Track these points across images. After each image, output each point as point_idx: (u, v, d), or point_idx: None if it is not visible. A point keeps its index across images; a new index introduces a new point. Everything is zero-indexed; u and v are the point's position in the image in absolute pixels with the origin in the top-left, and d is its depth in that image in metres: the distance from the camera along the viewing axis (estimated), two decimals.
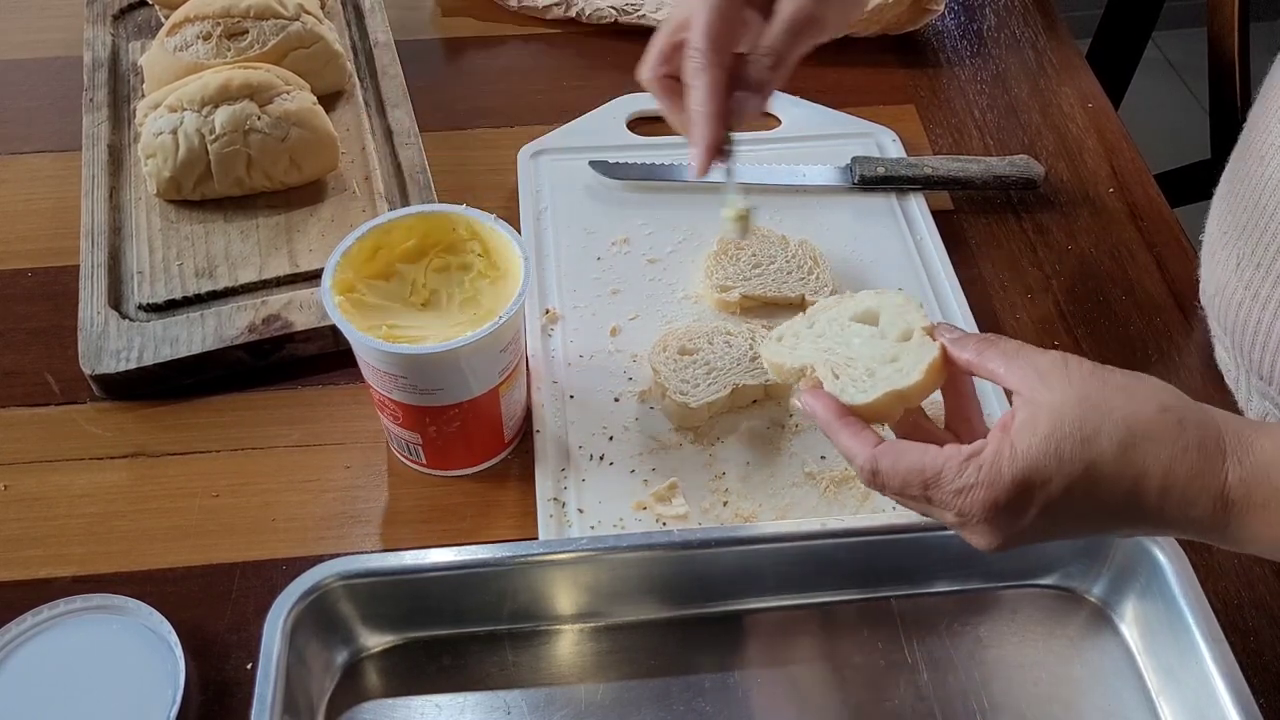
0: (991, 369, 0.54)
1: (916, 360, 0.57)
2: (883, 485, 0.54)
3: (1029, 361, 0.53)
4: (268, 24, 0.93)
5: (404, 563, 0.63)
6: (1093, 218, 0.93)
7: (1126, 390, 0.51)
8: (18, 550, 0.70)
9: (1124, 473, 0.50)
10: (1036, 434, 0.50)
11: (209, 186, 0.86)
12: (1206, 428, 0.51)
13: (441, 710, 0.63)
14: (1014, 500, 0.51)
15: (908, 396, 0.56)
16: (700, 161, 0.63)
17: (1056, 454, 0.50)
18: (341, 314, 0.65)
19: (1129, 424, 0.50)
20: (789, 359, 0.62)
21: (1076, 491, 0.50)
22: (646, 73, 0.66)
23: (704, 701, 0.64)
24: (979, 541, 0.53)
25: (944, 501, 0.52)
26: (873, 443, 0.55)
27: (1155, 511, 0.51)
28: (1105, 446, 0.50)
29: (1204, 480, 0.50)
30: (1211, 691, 0.60)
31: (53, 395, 0.78)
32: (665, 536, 0.65)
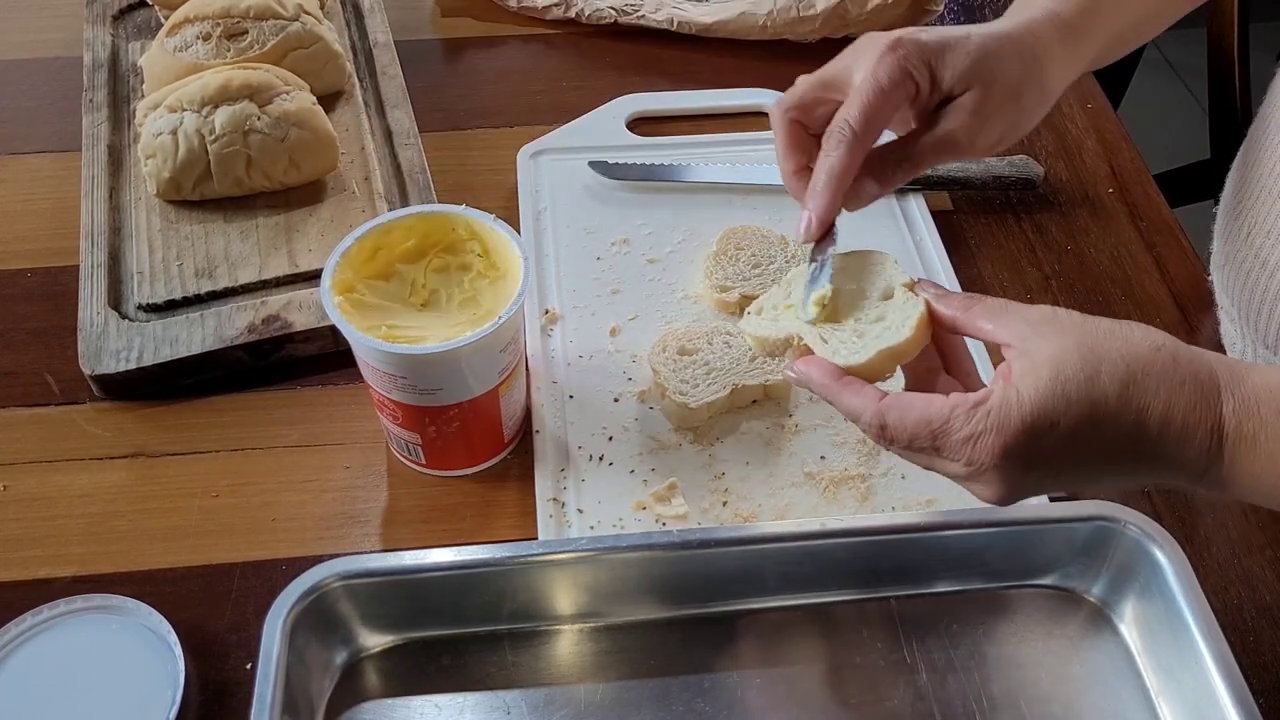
0: (979, 325, 0.55)
1: (904, 316, 0.56)
2: (891, 439, 0.54)
3: (1018, 315, 0.54)
4: (267, 24, 0.93)
5: (403, 563, 0.63)
6: (1092, 218, 0.93)
7: (1118, 333, 0.52)
8: (17, 550, 0.70)
9: (1126, 409, 0.51)
10: (1041, 379, 0.51)
11: (208, 187, 0.86)
12: (1199, 362, 0.52)
13: (441, 710, 0.64)
14: (1024, 445, 0.51)
15: (900, 353, 0.56)
16: (813, 231, 0.61)
17: (1064, 395, 0.50)
18: (341, 314, 0.65)
19: (1127, 362, 0.51)
20: (772, 330, 0.61)
21: (1083, 433, 0.51)
22: (780, 111, 0.64)
23: (703, 701, 0.64)
24: (986, 492, 0.53)
25: (953, 450, 0.52)
26: (876, 398, 0.54)
27: (1154, 449, 0.51)
28: (1107, 385, 0.51)
29: (1200, 413, 0.51)
30: (1211, 691, 0.60)
31: (52, 395, 0.78)
32: (665, 537, 0.65)
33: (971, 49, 0.61)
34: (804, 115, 0.64)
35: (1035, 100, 0.65)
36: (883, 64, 0.60)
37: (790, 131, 0.64)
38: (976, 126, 0.62)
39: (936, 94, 0.62)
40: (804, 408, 0.77)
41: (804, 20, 1.04)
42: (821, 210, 0.61)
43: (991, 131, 0.63)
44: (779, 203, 0.91)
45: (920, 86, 0.61)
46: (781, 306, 0.62)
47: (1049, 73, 0.65)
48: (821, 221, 0.61)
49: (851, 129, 0.59)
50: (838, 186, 0.60)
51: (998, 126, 0.63)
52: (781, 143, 0.64)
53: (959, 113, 0.62)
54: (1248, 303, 0.75)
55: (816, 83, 0.63)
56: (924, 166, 0.63)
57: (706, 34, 1.07)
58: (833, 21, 1.04)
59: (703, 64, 1.06)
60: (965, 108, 0.62)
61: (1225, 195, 0.81)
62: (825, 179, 0.60)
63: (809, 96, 0.63)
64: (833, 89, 0.63)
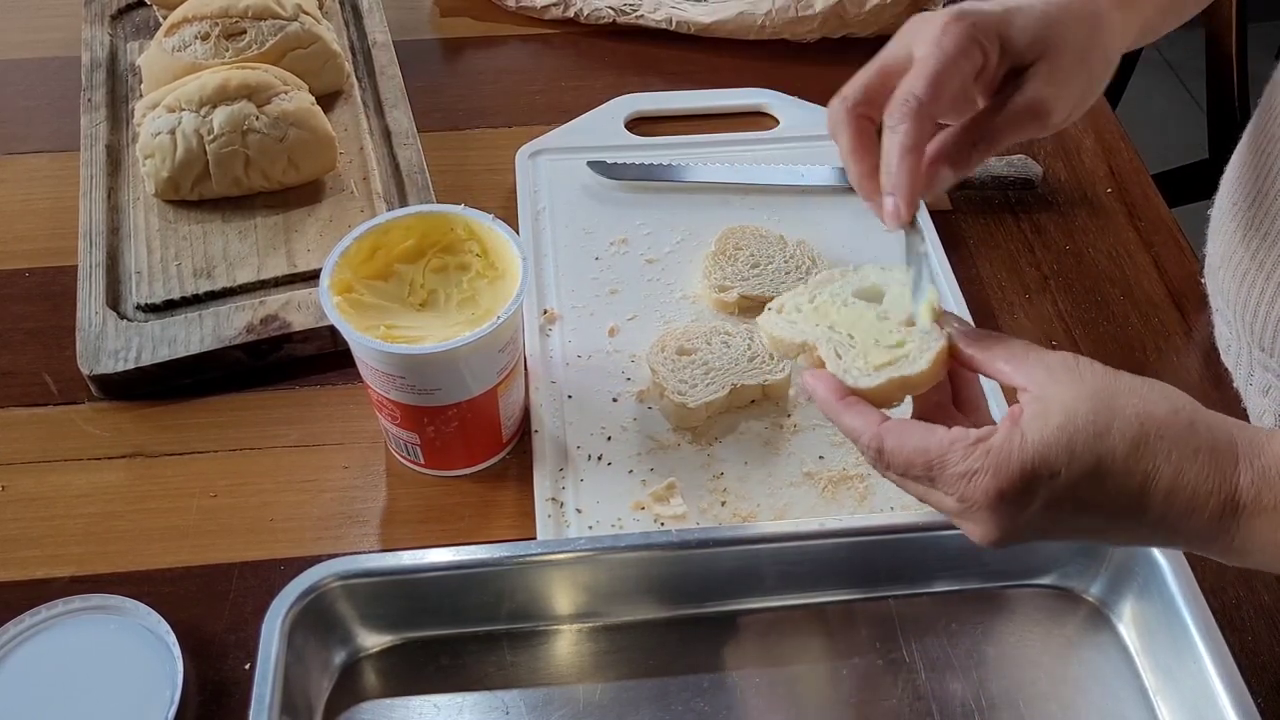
0: (998, 368, 0.53)
1: (923, 348, 0.55)
2: (887, 464, 0.53)
3: (1038, 360, 0.52)
4: (266, 24, 0.93)
5: (402, 563, 0.63)
6: (1090, 218, 0.93)
7: (1138, 390, 0.51)
8: (16, 550, 0.70)
9: (1133, 470, 0.49)
10: (1049, 426, 0.49)
11: (207, 187, 0.86)
12: (1217, 430, 0.50)
13: (440, 710, 0.63)
14: (1020, 490, 0.49)
15: (912, 384, 0.55)
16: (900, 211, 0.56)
17: (1069, 446, 0.49)
18: (340, 314, 0.65)
19: (1141, 421, 0.49)
20: (789, 333, 0.59)
21: (1083, 487, 0.49)
22: (843, 108, 0.59)
23: (702, 701, 0.64)
24: (977, 532, 0.52)
25: (947, 485, 0.51)
26: (877, 421, 0.53)
27: (1158, 514, 0.50)
28: (1116, 442, 0.49)
29: (1213, 483, 0.49)
30: (1209, 691, 0.60)
31: (51, 395, 0.78)
32: (663, 536, 0.65)
33: (1036, 16, 0.59)
34: (870, 109, 0.59)
35: (1101, 66, 0.62)
36: (948, 33, 0.56)
37: (858, 129, 0.59)
38: (1055, 95, 0.59)
39: (1005, 64, 0.59)
40: (803, 408, 0.77)
41: (802, 20, 1.04)
42: (905, 189, 0.56)
43: (1067, 99, 0.60)
44: (778, 203, 0.91)
45: (989, 57, 0.58)
46: (803, 306, 0.60)
47: (1109, 38, 0.62)
48: (909, 201, 0.56)
49: (917, 98, 0.55)
50: (915, 161, 0.56)
51: (1072, 94, 0.60)
52: (848, 142, 0.60)
53: (1035, 82, 0.58)
54: (1243, 305, 0.75)
55: (875, 71, 0.60)
56: (1003, 143, 0.59)
57: (705, 34, 1.07)
58: (831, 22, 1.04)
59: (701, 64, 1.06)
60: (1040, 76, 0.58)
61: (1220, 197, 0.80)
62: (899, 155, 0.56)
63: (872, 87, 0.59)
64: (892, 74, 0.58)
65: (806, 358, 0.58)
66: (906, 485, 0.54)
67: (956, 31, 0.56)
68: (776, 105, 1.00)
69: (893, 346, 0.56)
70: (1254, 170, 0.74)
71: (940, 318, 0.56)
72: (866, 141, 0.59)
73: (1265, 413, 0.75)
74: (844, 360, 0.56)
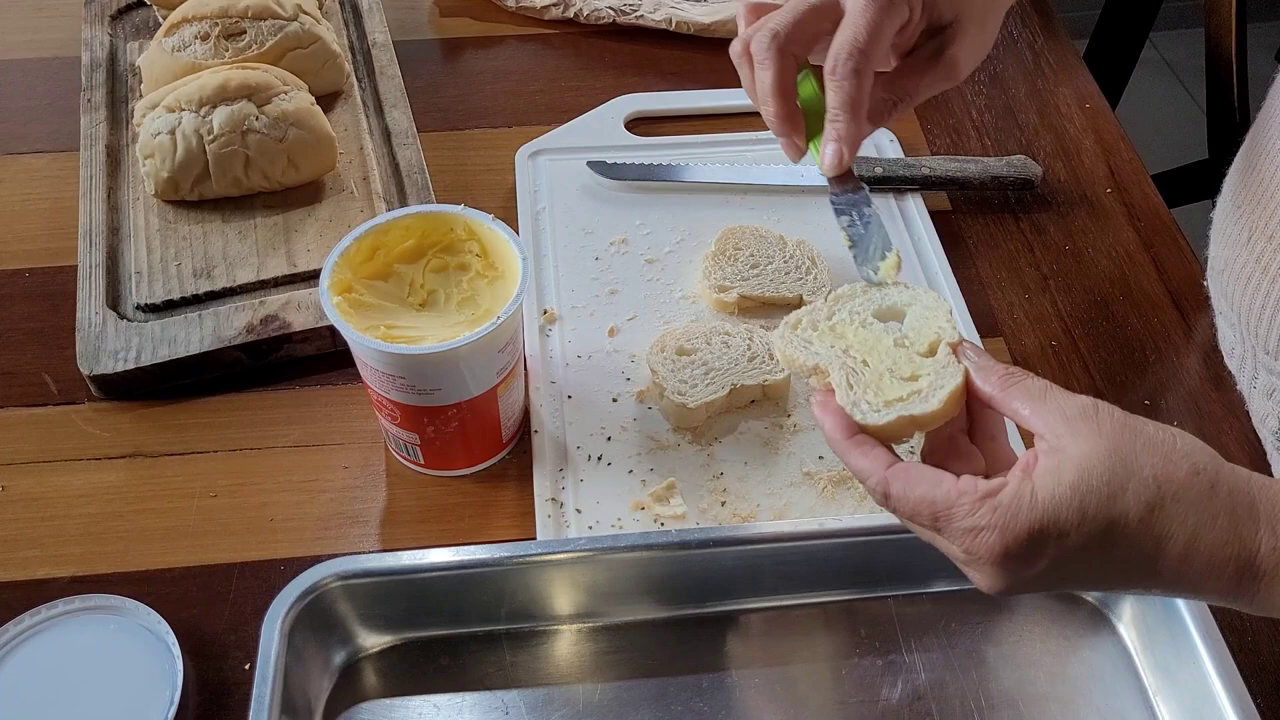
0: (1015, 409, 0.51)
1: (937, 384, 0.53)
2: (894, 509, 0.52)
3: (1056, 406, 0.50)
4: (265, 24, 0.93)
5: (402, 563, 0.63)
6: (1090, 218, 0.93)
7: (1158, 447, 0.49)
8: (15, 551, 0.70)
9: (1146, 534, 0.47)
10: (1061, 484, 0.48)
11: (207, 187, 0.86)
12: (1239, 493, 0.49)
13: (440, 710, 0.63)
14: (1026, 549, 0.48)
15: (922, 423, 0.53)
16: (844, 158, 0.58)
17: (1080, 508, 0.47)
18: (339, 314, 0.65)
19: (1159, 483, 0.48)
20: (803, 355, 0.57)
21: (1093, 548, 0.48)
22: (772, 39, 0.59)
23: (702, 701, 0.64)
24: (982, 582, 0.51)
25: (952, 536, 0.49)
26: (885, 463, 0.51)
27: (1173, 575, 0.48)
28: (1130, 505, 0.47)
29: (1232, 549, 0.48)
30: (1209, 691, 0.60)
31: (50, 395, 0.78)
32: (663, 536, 0.65)
33: None
34: (798, 48, 0.60)
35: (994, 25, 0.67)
36: None
37: (783, 66, 0.59)
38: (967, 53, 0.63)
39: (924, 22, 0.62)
40: (802, 408, 0.77)
41: None
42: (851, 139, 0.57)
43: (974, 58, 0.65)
44: (777, 203, 0.91)
45: (913, 13, 0.61)
46: (820, 324, 0.58)
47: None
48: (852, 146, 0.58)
49: (862, 52, 0.56)
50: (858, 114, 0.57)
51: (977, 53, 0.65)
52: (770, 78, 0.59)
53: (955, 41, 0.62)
54: (1247, 308, 0.74)
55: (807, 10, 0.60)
56: (917, 100, 0.64)
57: (705, 34, 1.07)
58: None
59: (701, 64, 1.06)
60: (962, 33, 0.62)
61: (1222, 199, 0.80)
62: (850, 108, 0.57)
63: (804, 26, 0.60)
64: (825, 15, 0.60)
65: (818, 380, 0.57)
66: (911, 527, 0.53)
67: None
68: None
69: (907, 379, 0.54)
70: (1257, 173, 0.74)
71: (957, 348, 0.54)
72: (789, 81, 0.60)
73: (1269, 416, 0.75)
74: (855, 392, 0.54)
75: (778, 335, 0.59)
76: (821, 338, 0.58)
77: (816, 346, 0.57)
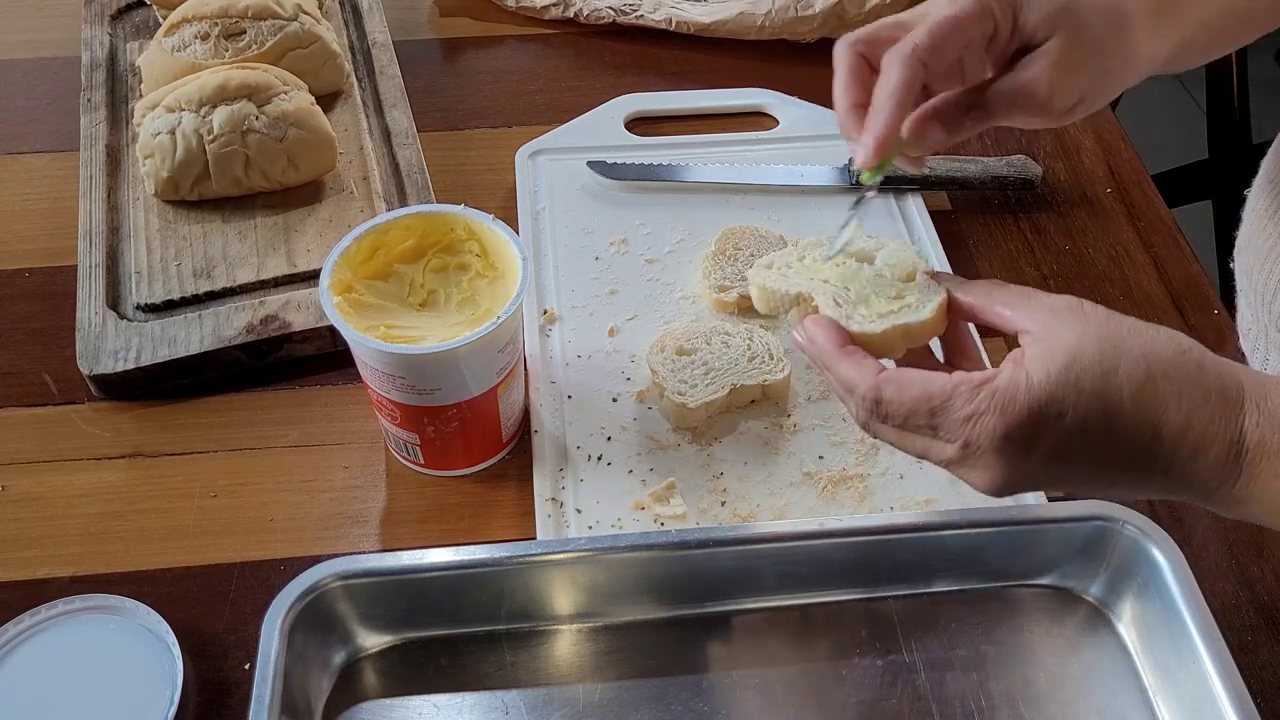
0: (1000, 312, 0.52)
1: (924, 299, 0.54)
2: (885, 415, 0.51)
3: (1041, 303, 0.51)
4: (265, 24, 0.93)
5: (402, 563, 0.63)
6: (1090, 218, 0.93)
7: (1144, 332, 0.50)
8: (15, 551, 0.70)
9: (1141, 411, 0.48)
10: (1054, 365, 0.48)
11: (207, 187, 0.86)
12: (1225, 374, 0.50)
13: (440, 710, 0.63)
14: (1027, 431, 0.48)
15: (915, 334, 0.54)
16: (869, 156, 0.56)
17: (1076, 385, 0.48)
18: (339, 314, 0.65)
19: (1149, 361, 0.49)
20: (782, 285, 0.57)
21: (1091, 429, 0.48)
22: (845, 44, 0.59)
23: (702, 701, 0.64)
24: (981, 478, 0.51)
25: (950, 429, 0.49)
26: (875, 371, 0.51)
27: (1166, 459, 0.49)
28: (1124, 383, 0.48)
29: (1220, 425, 0.48)
30: (1208, 691, 0.60)
31: (50, 395, 0.78)
32: (663, 536, 0.65)
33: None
34: (871, 50, 0.59)
35: (1120, 64, 0.61)
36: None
37: (854, 66, 0.59)
38: (1058, 80, 0.58)
39: (1016, 39, 0.58)
40: (802, 408, 0.77)
41: (802, 20, 1.04)
42: (880, 132, 0.55)
43: (1073, 88, 0.59)
44: (777, 203, 0.91)
45: (1000, 26, 0.57)
46: (793, 264, 0.59)
47: (1137, 39, 0.60)
48: (880, 144, 0.56)
49: (915, 47, 0.55)
50: (898, 106, 0.55)
51: (1079, 84, 0.59)
52: (841, 75, 0.59)
53: (1041, 61, 0.58)
54: (1263, 284, 0.73)
55: (890, 22, 0.59)
56: (997, 118, 0.59)
57: (705, 34, 1.07)
58: (831, 21, 1.04)
59: (701, 64, 1.06)
60: (1047, 56, 0.57)
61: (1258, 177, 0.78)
62: (885, 97, 0.55)
63: (881, 33, 0.59)
64: (905, 28, 0.58)
65: (799, 311, 0.57)
66: (905, 440, 0.52)
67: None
68: (776, 105, 1.00)
69: (893, 299, 0.55)
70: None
71: (935, 275, 0.56)
72: (858, 80, 0.59)
73: None
74: (843, 308, 0.55)
75: (753, 274, 0.59)
76: (797, 273, 0.58)
77: (795, 278, 0.58)
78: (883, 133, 0.55)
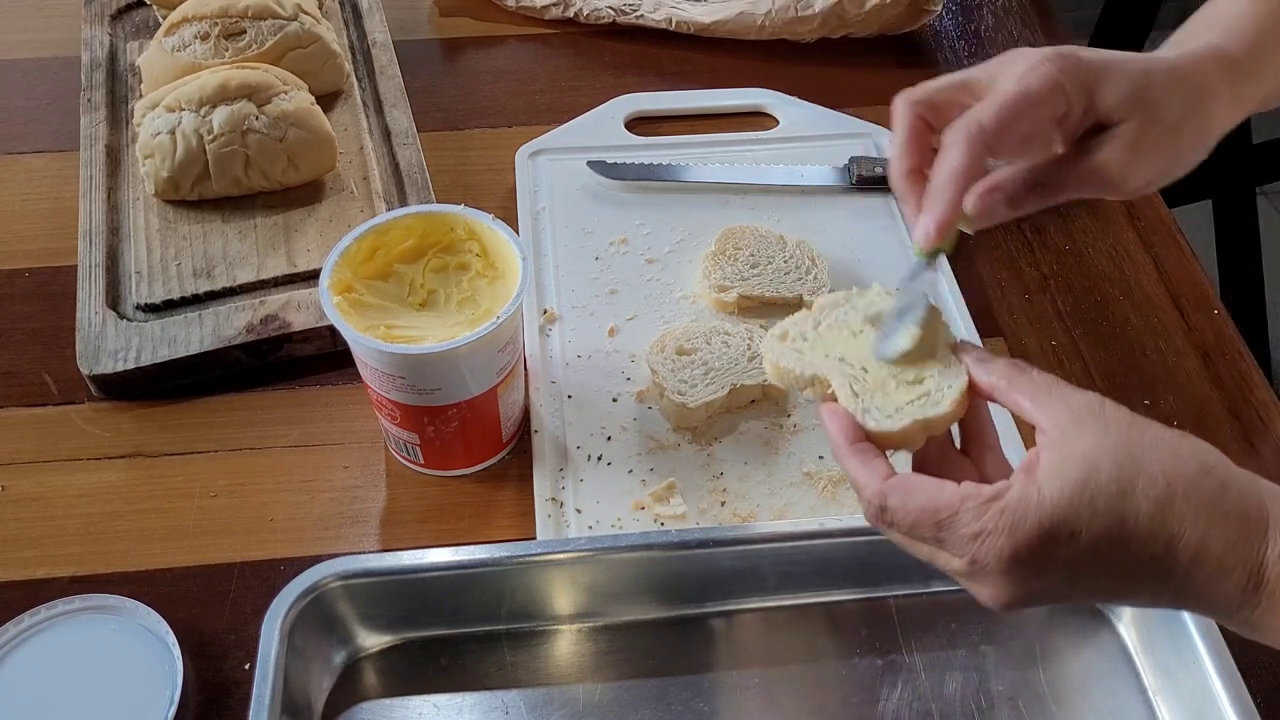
0: (1019, 402, 0.50)
1: (943, 385, 0.52)
2: (890, 523, 0.49)
3: (1061, 400, 0.49)
4: (265, 24, 0.93)
5: (402, 563, 0.63)
6: (1090, 218, 0.93)
7: (1166, 445, 0.47)
8: (15, 551, 0.70)
9: (1158, 533, 0.46)
10: (1069, 481, 0.46)
11: (207, 187, 0.86)
12: (1249, 496, 0.47)
13: (440, 710, 0.63)
14: (1037, 553, 0.46)
15: (934, 426, 0.51)
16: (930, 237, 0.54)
17: (1090, 504, 0.45)
18: (339, 314, 0.65)
19: (1168, 480, 0.46)
20: (797, 364, 0.55)
21: (1104, 549, 0.46)
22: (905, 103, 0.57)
23: (702, 701, 0.64)
24: (989, 595, 0.48)
25: (957, 545, 0.47)
26: (883, 475, 0.50)
27: (1182, 580, 0.47)
28: (1141, 502, 0.46)
29: (1241, 552, 0.46)
30: (1209, 691, 0.60)
31: (50, 395, 0.78)
32: (663, 536, 0.66)
33: (1133, 74, 0.56)
34: (931, 113, 0.57)
35: (1195, 140, 0.58)
36: (1035, 72, 0.54)
37: (913, 127, 0.57)
38: (1131, 162, 0.56)
39: (1089, 118, 0.56)
40: (802, 408, 0.77)
41: (802, 20, 1.04)
42: (941, 215, 0.53)
43: (1146, 169, 0.56)
44: (777, 202, 0.91)
45: (1072, 105, 0.55)
46: (809, 335, 0.56)
47: (1212, 112, 0.58)
48: (940, 227, 0.54)
49: (980, 125, 0.53)
50: (958, 188, 0.53)
51: (1153, 165, 0.57)
52: (899, 137, 0.57)
53: (1115, 143, 0.55)
54: None
55: (954, 82, 0.58)
56: (1064, 196, 0.57)
57: (705, 34, 1.07)
58: (831, 21, 1.04)
59: (701, 64, 1.06)
60: (1122, 139, 0.55)
61: None
62: (946, 179, 0.53)
63: (942, 94, 0.57)
64: (970, 92, 0.57)
65: (815, 391, 0.55)
66: (911, 546, 0.51)
67: (1044, 72, 0.54)
68: (776, 105, 1.00)
69: (911, 383, 0.53)
70: None
71: (957, 348, 0.54)
72: (916, 142, 0.57)
73: None
74: (861, 400, 0.53)
75: (767, 348, 0.57)
76: (813, 347, 0.56)
77: (810, 356, 0.55)
78: (944, 216, 0.54)
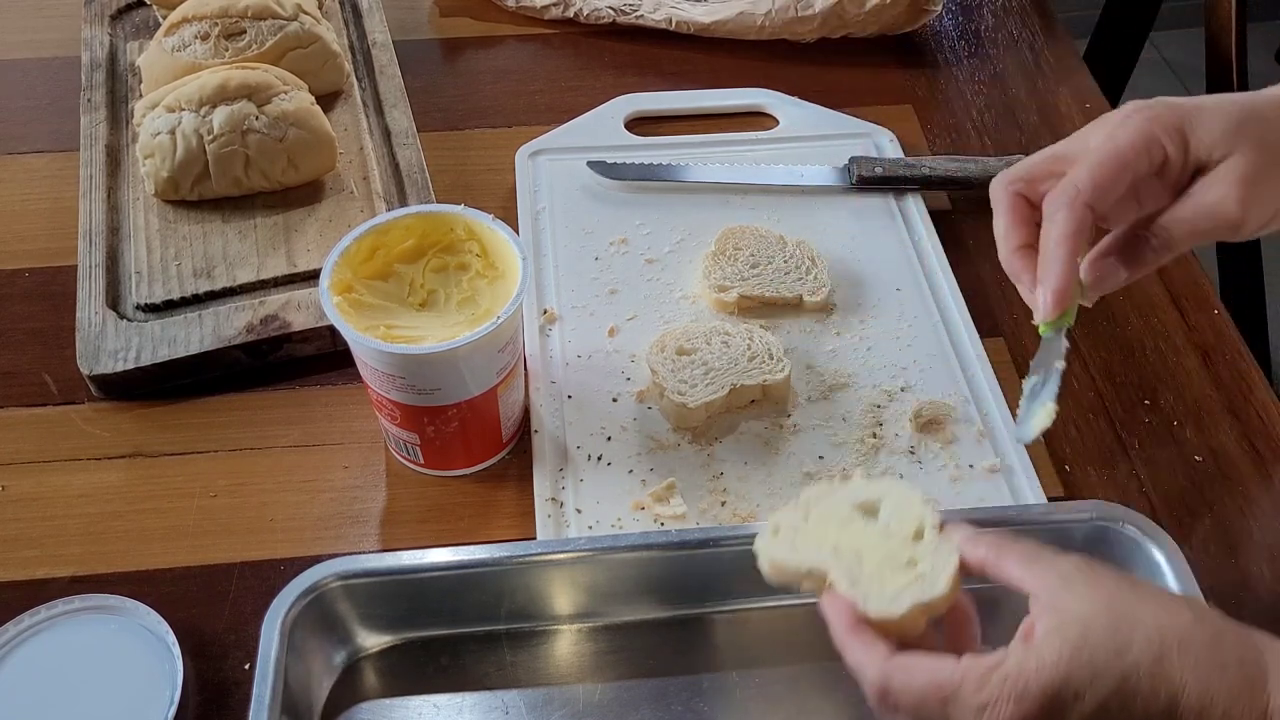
0: (1010, 571, 0.51)
1: (936, 566, 0.53)
2: (895, 705, 0.49)
3: (1050, 566, 0.50)
4: (265, 24, 0.93)
5: (402, 563, 0.63)
6: None
7: (1156, 598, 0.48)
8: (15, 551, 0.70)
9: (1159, 688, 0.46)
10: (1066, 643, 0.47)
11: (207, 187, 0.86)
12: (1245, 645, 0.47)
13: (439, 710, 0.63)
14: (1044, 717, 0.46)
15: (933, 608, 0.52)
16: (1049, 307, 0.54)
17: (1089, 664, 0.46)
18: (339, 314, 0.65)
19: (1163, 634, 0.46)
20: (792, 559, 0.56)
21: (1111, 708, 0.46)
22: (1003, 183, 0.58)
23: (702, 701, 0.64)
24: None
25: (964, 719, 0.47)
26: (883, 657, 0.50)
27: None
28: (1139, 658, 0.46)
29: (1245, 702, 0.46)
30: None
31: (50, 395, 0.78)
32: (663, 536, 0.66)
33: (1231, 110, 0.55)
34: (1030, 189, 0.57)
35: None
36: (1124, 126, 0.54)
37: (1013, 205, 0.57)
38: (1246, 197, 0.54)
39: (1190, 163, 0.55)
40: (802, 408, 0.77)
41: (802, 20, 1.04)
42: (1056, 284, 0.53)
43: (1265, 203, 0.55)
44: (777, 203, 0.91)
45: (1170, 154, 0.54)
46: (800, 527, 0.57)
47: None
48: (1058, 295, 0.53)
49: (1077, 188, 0.53)
50: (1069, 253, 0.53)
51: (1274, 197, 0.55)
52: (1003, 218, 0.57)
53: (1225, 181, 0.54)
54: None
55: (1047, 155, 0.58)
56: (1182, 247, 0.56)
57: (705, 34, 1.07)
58: (831, 21, 1.04)
59: (701, 64, 1.06)
60: (1231, 174, 0.54)
61: None
62: (1054, 246, 0.53)
63: (1036, 169, 0.58)
64: (1064, 161, 0.56)
65: (811, 583, 0.55)
66: None
67: (1133, 125, 0.54)
68: (776, 105, 1.00)
69: (906, 565, 0.54)
70: None
71: (944, 529, 0.54)
72: (1018, 219, 0.57)
73: None
74: (859, 588, 0.53)
75: (761, 545, 0.57)
76: (805, 541, 0.56)
77: (804, 550, 0.56)
78: (1059, 285, 0.53)
